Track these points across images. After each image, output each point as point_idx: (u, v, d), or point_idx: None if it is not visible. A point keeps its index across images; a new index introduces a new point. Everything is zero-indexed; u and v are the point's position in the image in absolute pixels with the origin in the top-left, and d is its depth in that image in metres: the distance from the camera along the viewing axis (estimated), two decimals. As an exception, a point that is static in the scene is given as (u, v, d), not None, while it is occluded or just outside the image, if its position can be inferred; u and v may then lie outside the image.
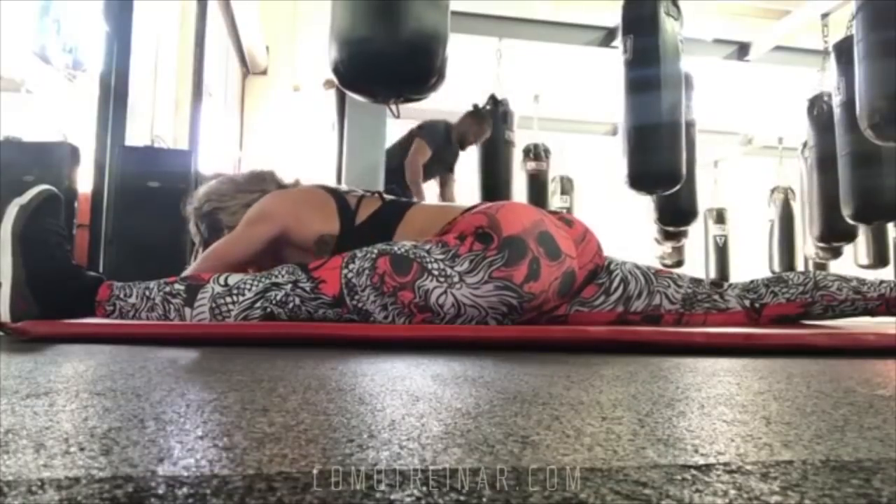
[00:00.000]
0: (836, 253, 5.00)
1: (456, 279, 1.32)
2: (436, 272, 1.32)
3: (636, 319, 1.58)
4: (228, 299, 1.29)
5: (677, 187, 3.32)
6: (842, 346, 1.11)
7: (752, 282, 1.69)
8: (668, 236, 5.71)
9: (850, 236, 4.18)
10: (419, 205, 1.64)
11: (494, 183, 4.28)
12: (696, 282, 1.65)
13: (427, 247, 1.35)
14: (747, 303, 1.63)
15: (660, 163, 3.21)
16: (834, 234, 4.05)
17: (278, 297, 1.31)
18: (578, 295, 1.55)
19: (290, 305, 1.31)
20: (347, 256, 1.36)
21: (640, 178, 3.26)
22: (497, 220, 1.38)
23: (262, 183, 1.69)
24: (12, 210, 1.31)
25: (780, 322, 1.64)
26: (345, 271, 1.33)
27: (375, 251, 1.35)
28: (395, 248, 1.35)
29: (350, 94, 2.16)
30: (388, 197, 1.66)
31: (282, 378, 0.69)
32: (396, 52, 1.88)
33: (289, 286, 1.32)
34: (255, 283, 1.32)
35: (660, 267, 1.74)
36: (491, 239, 1.36)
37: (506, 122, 4.39)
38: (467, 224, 1.42)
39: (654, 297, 1.59)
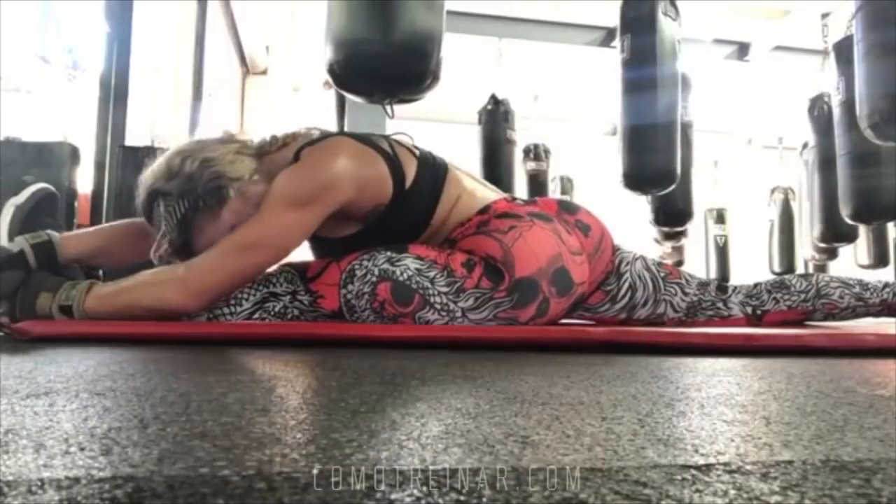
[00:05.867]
0: (833, 254, 5.00)
1: (458, 314, 1.28)
2: (438, 306, 1.27)
3: (639, 325, 1.57)
4: (226, 309, 1.27)
5: (672, 188, 3.32)
6: (842, 347, 1.10)
7: (755, 286, 1.65)
8: (667, 237, 5.71)
9: (850, 237, 4.18)
10: (452, 171, 1.43)
11: (495, 182, 4.28)
12: (703, 287, 1.61)
13: (431, 274, 1.28)
14: (749, 310, 1.60)
15: (655, 163, 3.21)
16: (835, 235, 4.05)
17: (276, 309, 1.29)
18: (584, 302, 1.54)
19: (289, 317, 1.29)
20: (346, 273, 1.29)
21: (635, 179, 3.26)
22: (511, 257, 1.29)
23: (246, 147, 1.34)
24: (8, 210, 1.30)
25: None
26: (343, 291, 1.29)
27: (376, 272, 1.27)
28: (398, 274, 1.27)
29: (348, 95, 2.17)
30: (415, 149, 1.42)
31: (282, 378, 0.69)
32: (391, 54, 1.89)
33: (287, 297, 1.29)
34: (253, 291, 1.29)
35: (669, 265, 1.66)
36: (502, 277, 1.28)
37: (506, 122, 4.39)
38: (480, 245, 1.33)
39: (660, 305, 1.56)
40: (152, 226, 1.29)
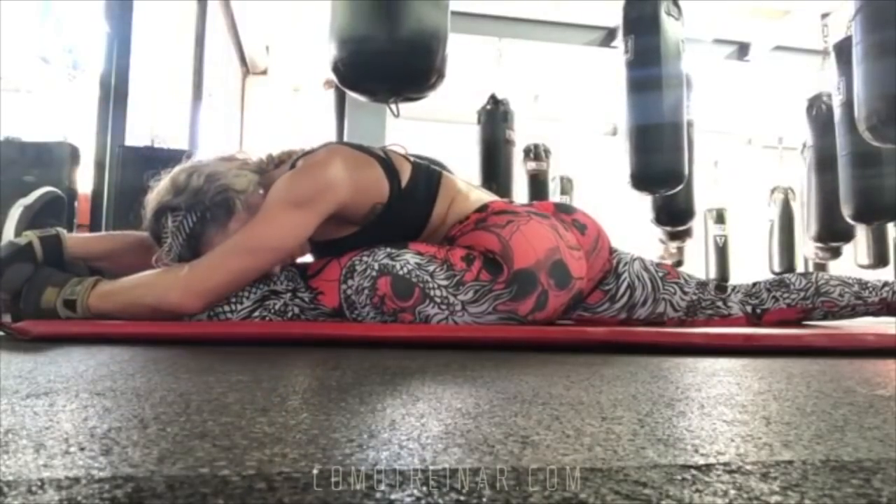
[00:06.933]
0: (836, 253, 5.00)
1: (458, 308, 1.28)
2: (438, 300, 1.27)
3: (638, 325, 1.57)
4: (226, 307, 1.27)
5: (680, 187, 3.33)
6: (842, 347, 1.10)
7: (755, 285, 1.65)
8: (673, 237, 5.70)
9: (847, 236, 4.18)
10: (445, 175, 1.46)
11: (493, 181, 4.29)
12: (702, 286, 1.61)
13: (431, 268, 1.29)
14: (749, 308, 1.60)
15: (662, 163, 3.21)
16: (831, 235, 4.06)
17: (277, 307, 1.29)
18: (584, 301, 1.54)
19: (290, 315, 1.29)
20: (346, 268, 1.30)
21: (643, 179, 3.26)
22: (510, 250, 1.30)
23: (246, 164, 1.38)
24: (16, 211, 1.32)
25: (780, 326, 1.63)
26: (343, 286, 1.29)
27: (376, 267, 1.28)
28: (398, 268, 1.28)
29: (350, 94, 2.17)
30: (409, 156, 1.45)
31: (282, 378, 0.69)
32: (396, 51, 1.88)
33: (288, 295, 1.29)
34: (253, 290, 1.29)
35: (667, 265, 1.67)
36: (500, 270, 1.29)
37: (506, 122, 4.39)
38: (478, 240, 1.34)
39: (659, 304, 1.56)
40: (160, 245, 1.30)
